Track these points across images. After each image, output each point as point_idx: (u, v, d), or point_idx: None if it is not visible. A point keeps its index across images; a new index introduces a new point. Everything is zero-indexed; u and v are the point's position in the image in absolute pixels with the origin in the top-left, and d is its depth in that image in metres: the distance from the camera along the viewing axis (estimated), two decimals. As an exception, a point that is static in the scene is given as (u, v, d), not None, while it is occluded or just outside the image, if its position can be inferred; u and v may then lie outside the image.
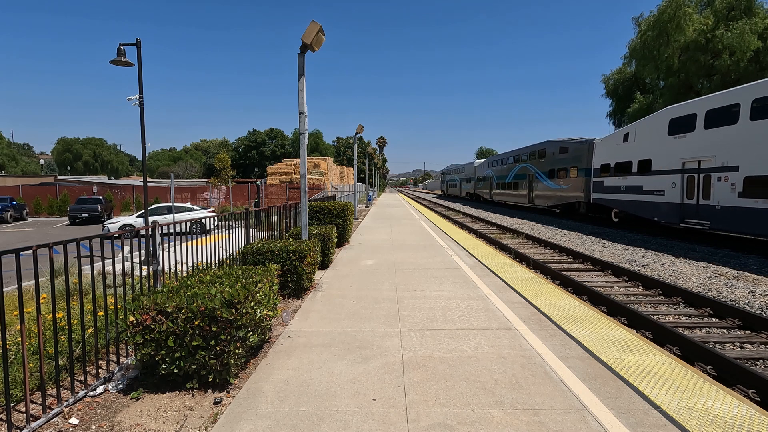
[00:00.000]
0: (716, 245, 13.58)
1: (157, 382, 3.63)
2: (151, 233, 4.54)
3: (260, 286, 4.08)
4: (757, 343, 5.76)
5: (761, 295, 7.83)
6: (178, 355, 3.47)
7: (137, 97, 10.23)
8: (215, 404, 3.38)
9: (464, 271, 8.34)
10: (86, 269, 5.99)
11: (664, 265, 10.64)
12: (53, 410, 3.19)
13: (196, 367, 3.52)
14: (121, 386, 3.64)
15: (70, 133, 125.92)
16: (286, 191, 22.62)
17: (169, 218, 16.50)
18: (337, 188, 27.02)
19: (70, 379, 3.42)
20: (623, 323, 6.43)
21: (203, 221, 9.16)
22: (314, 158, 32.67)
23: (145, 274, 4.55)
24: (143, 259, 4.62)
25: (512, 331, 4.94)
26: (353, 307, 5.97)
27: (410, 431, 2.97)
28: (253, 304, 3.80)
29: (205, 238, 5.93)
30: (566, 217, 24.47)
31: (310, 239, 7.65)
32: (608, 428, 2.96)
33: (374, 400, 3.39)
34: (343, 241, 12.04)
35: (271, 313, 4.21)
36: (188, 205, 21.84)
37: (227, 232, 6.64)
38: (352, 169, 39.75)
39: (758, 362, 5.19)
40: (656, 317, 6.75)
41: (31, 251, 3.02)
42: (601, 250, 13.19)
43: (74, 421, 3.15)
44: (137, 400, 3.45)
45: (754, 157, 11.66)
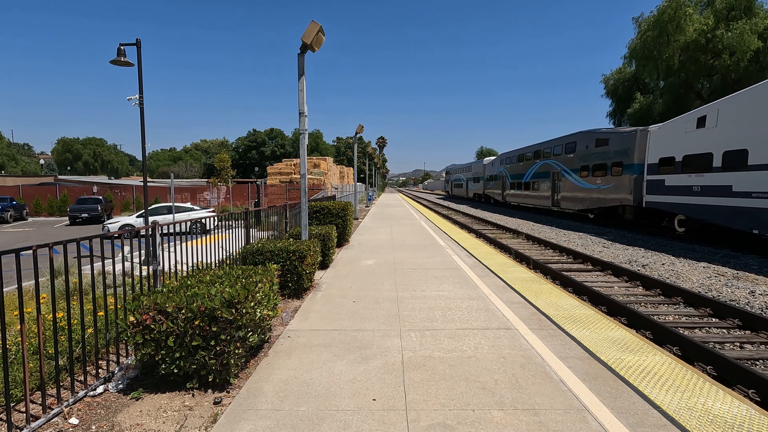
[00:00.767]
0: (716, 245, 13.57)
1: (157, 382, 3.63)
2: (151, 233, 4.54)
3: (260, 286, 4.09)
4: (757, 343, 5.76)
5: (761, 295, 7.83)
6: (178, 355, 3.47)
7: (137, 97, 10.24)
8: (215, 404, 3.38)
9: (464, 271, 8.34)
10: (86, 269, 5.99)
11: (664, 265, 10.64)
12: (53, 410, 3.19)
13: (196, 367, 3.52)
14: (121, 386, 3.64)
15: (70, 133, 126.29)
16: (286, 191, 22.62)
17: (169, 218, 16.50)
18: (337, 188, 27.03)
19: (70, 379, 3.42)
20: (623, 323, 6.44)
21: (203, 221, 9.16)
22: (314, 158, 32.70)
23: (145, 274, 4.55)
24: (143, 259, 4.62)
25: (512, 331, 4.94)
26: (353, 307, 5.97)
27: (410, 431, 2.97)
28: (253, 304, 3.80)
29: (205, 238, 5.93)
30: (603, 223, 20.47)
31: (310, 239, 7.65)
32: (608, 428, 2.97)
33: (374, 400, 3.39)
34: (343, 241, 12.04)
35: (271, 313, 4.21)
36: (188, 205, 21.84)
37: (227, 232, 6.64)
38: (352, 169, 39.78)
39: (758, 362, 5.19)
40: (656, 317, 6.75)
41: (31, 251, 3.02)
42: (601, 250, 13.19)
43: (74, 421, 3.15)
44: (137, 400, 3.45)
45: None
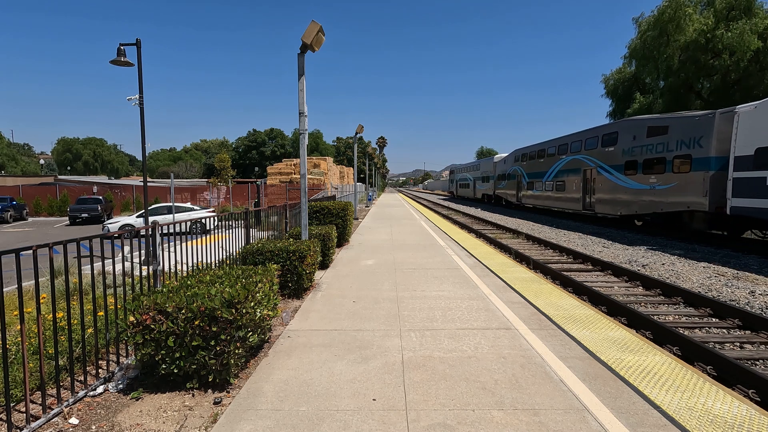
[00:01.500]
0: (716, 245, 13.57)
1: (157, 382, 3.63)
2: (151, 233, 4.54)
3: (260, 286, 4.08)
4: (757, 343, 5.75)
5: (761, 295, 7.83)
6: (178, 355, 3.47)
7: (137, 97, 10.24)
8: (215, 404, 3.38)
9: (464, 271, 8.34)
10: (86, 269, 5.99)
11: (664, 265, 10.64)
12: (53, 410, 3.19)
13: (196, 367, 3.52)
14: (121, 386, 3.64)
15: (70, 133, 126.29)
16: (286, 191, 22.62)
17: (169, 218, 16.50)
18: (337, 188, 27.03)
19: (70, 379, 3.42)
20: (623, 323, 6.43)
21: (203, 221, 9.16)
22: (314, 158, 32.70)
23: (145, 274, 4.55)
24: (143, 259, 4.62)
25: (512, 331, 4.94)
26: (353, 307, 5.97)
27: (410, 431, 2.97)
28: (253, 304, 3.80)
29: (205, 238, 5.93)
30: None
31: (310, 239, 7.65)
32: (608, 428, 2.96)
33: (374, 400, 3.39)
34: (343, 241, 12.04)
35: (271, 313, 4.21)
36: (188, 205, 21.84)
37: (227, 232, 6.64)
38: (352, 169, 39.76)
39: (758, 362, 5.18)
40: (656, 317, 6.75)
41: (31, 251, 3.02)
42: (601, 250, 13.18)
43: (74, 421, 3.15)
44: (137, 400, 3.45)
45: None
